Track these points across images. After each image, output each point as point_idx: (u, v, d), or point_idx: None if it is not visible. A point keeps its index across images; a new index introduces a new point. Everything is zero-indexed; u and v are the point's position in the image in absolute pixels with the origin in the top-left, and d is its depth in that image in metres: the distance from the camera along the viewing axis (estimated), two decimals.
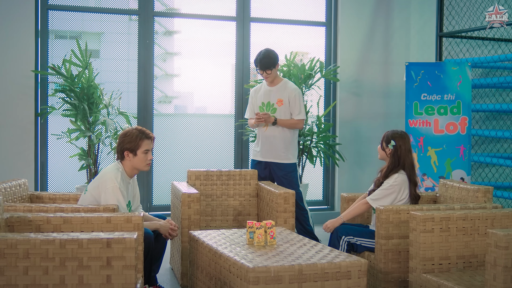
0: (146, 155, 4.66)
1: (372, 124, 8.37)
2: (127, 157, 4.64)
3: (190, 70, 8.44)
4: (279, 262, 3.62)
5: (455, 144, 7.13)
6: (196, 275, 4.39)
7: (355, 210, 5.02)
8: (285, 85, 6.30)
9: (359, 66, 8.48)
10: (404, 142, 5.00)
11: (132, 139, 4.63)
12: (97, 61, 7.87)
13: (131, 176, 4.72)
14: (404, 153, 4.98)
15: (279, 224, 5.31)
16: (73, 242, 3.22)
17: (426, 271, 4.14)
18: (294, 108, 6.24)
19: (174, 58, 8.66)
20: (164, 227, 4.70)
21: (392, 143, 4.97)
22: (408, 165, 4.97)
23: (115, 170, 4.57)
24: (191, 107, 8.93)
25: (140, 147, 4.63)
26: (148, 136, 4.68)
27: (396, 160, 4.96)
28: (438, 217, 4.15)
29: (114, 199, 4.43)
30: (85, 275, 3.22)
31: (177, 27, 8.45)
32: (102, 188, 4.48)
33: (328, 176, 8.56)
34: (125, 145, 4.63)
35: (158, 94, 8.27)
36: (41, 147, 7.38)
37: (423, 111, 7.16)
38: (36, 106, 7.27)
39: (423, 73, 7.20)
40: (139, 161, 4.64)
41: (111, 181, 4.47)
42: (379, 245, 4.57)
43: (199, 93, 8.65)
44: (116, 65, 7.99)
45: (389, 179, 4.91)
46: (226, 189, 5.98)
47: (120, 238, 3.26)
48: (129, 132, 4.66)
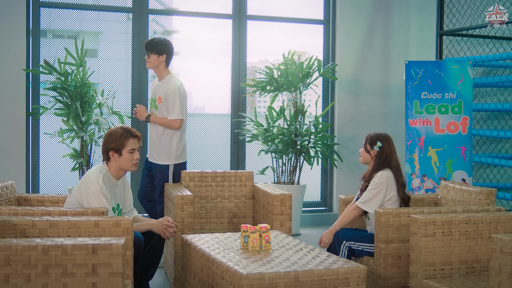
0: (132, 154, 4.49)
1: (371, 124, 8.20)
2: (113, 158, 4.47)
3: (188, 70, 8.30)
4: (274, 268, 3.45)
5: (456, 144, 6.98)
6: (188, 281, 4.23)
7: (347, 216, 4.84)
8: (167, 81, 5.91)
9: (358, 65, 8.32)
10: (389, 144, 4.85)
11: (116, 138, 4.46)
12: (95, 61, 7.76)
13: (118, 178, 4.55)
14: (389, 154, 4.83)
15: (275, 227, 5.15)
16: (57, 248, 3.06)
17: (427, 277, 3.98)
18: (168, 106, 5.83)
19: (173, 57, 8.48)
20: (158, 226, 4.54)
21: (378, 144, 4.81)
22: (395, 165, 4.82)
23: (97, 172, 4.39)
24: (190, 107, 8.74)
25: (125, 146, 4.46)
26: (133, 135, 4.51)
27: (381, 162, 4.81)
28: (440, 221, 3.99)
29: (96, 203, 4.25)
30: (70, 282, 3.06)
31: (175, 27, 8.31)
32: (84, 192, 4.30)
33: (326, 177, 8.40)
34: (109, 145, 4.46)
35: None
36: (33, 147, 7.21)
37: (424, 110, 7.01)
38: (28, 105, 7.11)
39: (423, 72, 7.06)
40: (125, 161, 4.47)
41: (93, 184, 4.30)
42: (379, 250, 4.41)
43: (198, 92, 8.51)
44: (114, 64, 7.83)
45: (374, 178, 4.76)
46: (221, 190, 5.81)
47: (107, 244, 3.09)
48: (113, 131, 4.49)
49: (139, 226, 4.48)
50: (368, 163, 4.89)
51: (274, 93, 7.67)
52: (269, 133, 7.56)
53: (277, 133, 7.54)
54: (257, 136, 7.60)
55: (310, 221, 8.14)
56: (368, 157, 4.88)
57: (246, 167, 8.03)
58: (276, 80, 7.58)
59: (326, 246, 4.78)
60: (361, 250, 4.63)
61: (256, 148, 7.86)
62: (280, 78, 7.56)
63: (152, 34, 7.70)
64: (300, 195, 7.58)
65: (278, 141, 7.56)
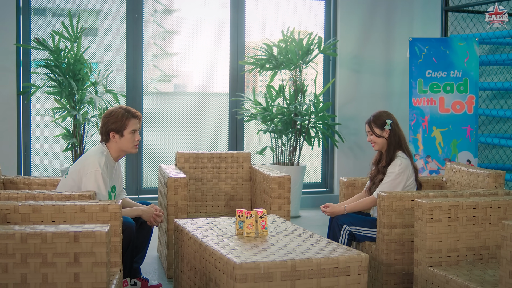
0: (134, 135, 4.28)
1: (373, 103, 7.95)
2: (113, 139, 4.25)
3: (189, 49, 8.17)
4: (270, 256, 3.24)
5: (461, 124, 6.77)
6: (181, 268, 4.03)
7: (360, 205, 4.57)
8: None
9: (360, 42, 8.06)
10: (394, 118, 4.60)
11: (117, 118, 4.24)
12: (94, 39, 7.57)
13: (117, 160, 4.34)
14: (399, 129, 4.60)
15: (273, 211, 4.93)
16: (36, 236, 2.84)
17: (432, 265, 3.77)
18: None
19: (174, 36, 8.35)
20: (147, 213, 4.34)
21: (388, 122, 4.56)
22: (404, 142, 4.59)
23: (99, 153, 4.17)
24: (191, 86, 8.67)
25: (127, 127, 4.24)
26: (134, 115, 4.29)
27: (397, 140, 4.55)
28: (446, 205, 3.77)
29: (94, 185, 4.04)
30: (50, 273, 2.86)
31: (176, 5, 8.10)
32: (84, 172, 4.09)
33: (326, 158, 8.18)
34: (110, 125, 4.24)
35: (157, 73, 8.04)
36: (24, 127, 6.98)
37: (428, 89, 6.79)
38: (19, 84, 6.87)
39: (428, 49, 6.82)
40: (127, 142, 4.26)
41: (94, 165, 4.09)
42: (381, 235, 4.19)
43: (198, 71, 8.41)
44: (114, 43, 7.56)
45: (392, 167, 4.50)
46: (217, 172, 5.60)
47: (89, 231, 2.88)
48: (114, 112, 4.27)
49: (128, 212, 4.27)
50: (383, 147, 4.62)
51: (273, 71, 7.42)
52: (268, 112, 7.33)
53: (276, 113, 7.31)
54: (256, 115, 7.37)
55: (311, 203, 7.93)
56: (383, 141, 4.58)
57: (245, 147, 7.81)
58: (276, 58, 7.34)
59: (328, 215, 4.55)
60: (362, 235, 4.41)
61: (254, 128, 7.63)
62: (280, 56, 7.32)
63: (152, 13, 7.46)
64: (300, 176, 7.36)
65: (277, 120, 7.33)
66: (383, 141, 4.57)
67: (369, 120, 4.63)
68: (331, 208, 4.54)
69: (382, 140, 4.57)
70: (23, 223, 3.47)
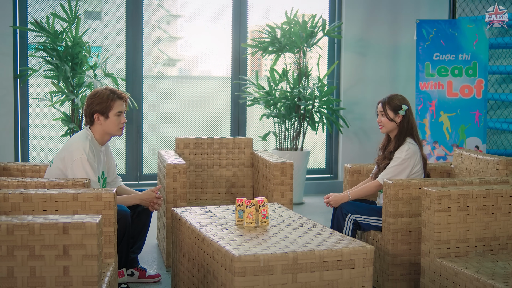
0: (119, 117, 4.10)
1: (379, 87, 7.76)
2: (98, 121, 4.08)
3: (193, 32, 8.05)
4: (270, 248, 3.08)
5: (470, 109, 6.61)
6: (179, 259, 3.88)
7: (364, 190, 4.42)
8: None
9: (365, 24, 7.85)
10: (409, 105, 4.42)
11: (102, 100, 4.07)
12: (98, 23, 7.42)
13: (103, 143, 4.17)
14: (413, 117, 4.42)
15: (275, 199, 4.78)
16: (23, 227, 2.69)
17: (440, 256, 3.61)
18: None
19: (178, 20, 8.25)
20: (146, 200, 4.19)
21: (404, 107, 4.37)
22: (416, 130, 4.42)
23: (83, 139, 4.01)
24: (196, 70, 8.59)
25: (112, 109, 4.07)
26: (120, 96, 4.12)
27: (409, 127, 4.37)
28: (455, 194, 3.60)
29: (82, 172, 3.88)
30: (38, 266, 2.71)
31: None
32: (68, 161, 3.93)
33: (331, 143, 8.01)
34: (94, 107, 4.07)
35: (162, 57, 7.92)
36: (21, 112, 6.83)
37: (436, 72, 6.62)
38: (15, 67, 6.71)
39: (435, 31, 6.65)
40: (112, 125, 4.09)
41: (78, 152, 3.92)
42: (387, 224, 4.03)
43: (203, 55, 8.29)
44: (117, 27, 7.36)
45: (399, 152, 4.33)
46: (218, 158, 5.44)
47: (79, 222, 2.73)
48: (99, 93, 4.10)
49: (125, 200, 4.12)
50: (392, 131, 4.46)
51: (277, 54, 7.23)
52: (271, 96, 7.15)
53: (280, 97, 7.13)
54: (258, 99, 7.20)
55: (315, 189, 7.78)
56: (393, 125, 4.40)
57: (247, 133, 7.65)
58: (279, 40, 7.15)
59: (331, 207, 4.39)
60: (367, 224, 4.25)
61: (258, 113, 7.46)
62: (283, 38, 7.13)
63: None
64: (304, 161, 7.20)
65: (281, 105, 7.15)
66: (393, 125, 4.38)
67: (384, 101, 4.42)
68: (334, 197, 4.38)
69: (392, 124, 4.38)
70: (13, 213, 3.32)
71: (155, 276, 4.45)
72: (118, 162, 7.07)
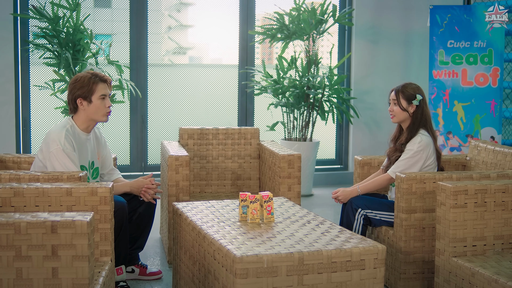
0: (104, 101, 3.88)
1: (391, 75, 7.53)
2: (81, 106, 3.86)
3: (204, 20, 7.91)
4: (275, 248, 2.88)
5: (485, 98, 6.40)
6: (179, 256, 3.69)
7: (374, 184, 4.20)
8: None
9: (377, 10, 7.60)
10: (424, 95, 4.20)
11: (84, 83, 3.84)
12: (108, 11, 7.22)
13: (88, 131, 3.94)
14: (427, 108, 4.20)
15: (282, 193, 4.57)
16: (8, 226, 2.52)
17: (456, 255, 3.41)
18: None
19: (189, 8, 8.14)
20: (136, 187, 4.00)
21: (419, 97, 4.15)
22: (430, 122, 4.20)
23: (59, 128, 3.79)
24: (206, 58, 8.46)
25: (95, 92, 3.85)
26: (103, 79, 3.90)
27: (423, 119, 4.16)
28: (472, 189, 3.39)
29: (60, 164, 3.68)
30: (25, 268, 2.54)
31: None
32: (46, 153, 3.74)
33: (341, 133, 7.79)
34: (76, 91, 3.85)
35: (172, 45, 7.79)
36: (23, 101, 6.65)
37: (450, 60, 6.41)
38: (16, 55, 6.53)
39: (449, 18, 6.44)
40: (96, 109, 3.87)
41: (54, 143, 3.72)
42: (399, 220, 3.83)
43: (212, 43, 8.18)
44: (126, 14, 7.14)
45: (411, 144, 4.11)
46: (223, 149, 5.24)
47: (68, 221, 2.54)
48: (80, 77, 3.88)
49: (116, 189, 3.93)
50: (403, 121, 4.25)
51: (285, 42, 7.01)
52: (279, 85, 6.94)
53: (288, 85, 6.92)
54: (266, 88, 6.99)
55: (324, 180, 7.58)
56: (406, 115, 4.18)
57: (255, 122, 7.44)
58: (287, 27, 6.93)
59: (340, 202, 4.19)
60: (378, 219, 4.05)
61: (265, 102, 7.26)
62: (291, 25, 6.90)
63: None
64: (313, 152, 6.99)
65: (289, 94, 6.94)
66: (405, 115, 4.16)
67: (398, 89, 4.19)
68: (342, 192, 4.18)
69: (405, 114, 4.16)
70: (3, 208, 3.14)
71: (157, 273, 4.27)
72: (122, 153, 6.91)
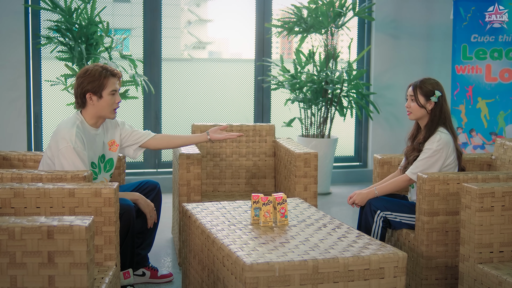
0: (114, 96, 3.72)
1: (412, 70, 7.31)
2: (90, 102, 3.68)
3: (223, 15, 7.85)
4: (288, 254, 2.70)
5: (510, 94, 6.20)
6: (189, 260, 3.52)
7: (394, 186, 4.00)
8: None
9: (398, 3, 7.38)
10: (444, 92, 3.99)
11: (94, 77, 3.67)
12: (127, 6, 7.13)
13: (97, 126, 3.78)
14: (447, 105, 3.99)
15: (297, 193, 4.38)
16: (1, 231, 2.36)
17: (482, 261, 3.20)
18: None
19: (208, 2, 8.13)
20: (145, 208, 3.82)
21: (437, 94, 3.94)
22: (449, 120, 3.99)
23: (69, 125, 3.63)
24: (226, 53, 8.38)
25: (106, 87, 3.68)
26: (113, 73, 3.72)
27: (442, 116, 3.95)
28: (499, 192, 3.18)
29: (69, 163, 3.51)
30: (19, 275, 2.38)
31: None
32: (55, 150, 3.58)
33: (360, 130, 7.58)
34: (86, 85, 3.67)
35: (191, 40, 7.72)
36: (34, 96, 6.51)
37: (473, 55, 6.21)
38: (27, 48, 6.39)
39: (473, 10, 6.24)
40: (106, 105, 3.69)
41: (63, 141, 3.55)
42: (421, 223, 3.63)
43: (232, 38, 8.12)
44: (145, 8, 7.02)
45: (430, 143, 3.90)
46: (237, 147, 5.06)
47: (66, 226, 2.38)
48: (90, 70, 3.70)
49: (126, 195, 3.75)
50: (422, 118, 4.04)
51: (303, 35, 6.81)
52: (296, 80, 6.75)
53: (306, 80, 6.72)
54: (283, 83, 6.80)
55: (343, 178, 7.38)
56: (423, 112, 3.98)
57: (272, 119, 7.25)
58: (305, 20, 6.73)
59: (357, 206, 4.00)
60: (399, 221, 3.85)
61: (282, 98, 7.07)
62: (309, 18, 6.70)
63: None
64: (331, 149, 6.80)
65: (307, 89, 6.74)
66: (422, 112, 3.96)
67: (416, 84, 3.99)
68: (358, 194, 3.97)
69: (422, 111, 3.96)
70: (3, 210, 2.99)
71: (168, 275, 4.12)
72: None
